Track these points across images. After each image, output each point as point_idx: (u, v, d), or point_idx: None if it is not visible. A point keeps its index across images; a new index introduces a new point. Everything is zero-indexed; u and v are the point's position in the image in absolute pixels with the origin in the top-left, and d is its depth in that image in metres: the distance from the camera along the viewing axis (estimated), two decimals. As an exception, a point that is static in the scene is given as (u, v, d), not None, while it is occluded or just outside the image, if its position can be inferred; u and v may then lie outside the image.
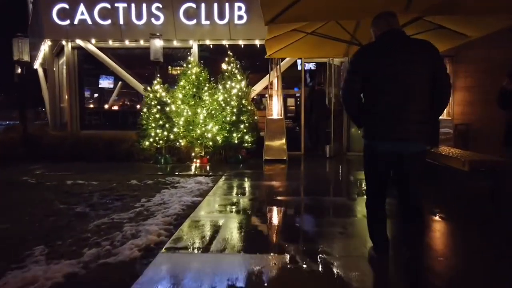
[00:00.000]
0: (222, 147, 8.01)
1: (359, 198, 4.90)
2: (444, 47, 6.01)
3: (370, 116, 2.54)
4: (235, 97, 8.08)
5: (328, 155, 8.81)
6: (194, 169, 7.34)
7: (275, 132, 8.26)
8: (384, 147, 2.48)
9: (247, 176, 6.62)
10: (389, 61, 2.44)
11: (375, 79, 2.46)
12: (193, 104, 8.03)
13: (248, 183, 6.02)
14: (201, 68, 8.37)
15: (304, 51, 7.15)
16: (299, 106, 9.45)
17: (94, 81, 11.50)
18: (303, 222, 4.03)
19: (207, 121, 7.93)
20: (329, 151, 8.87)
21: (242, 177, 6.41)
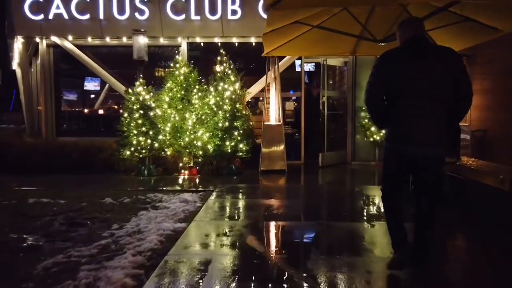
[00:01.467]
0: (214, 156, 7.12)
1: (378, 223, 4.04)
2: (471, 42, 5.21)
3: (391, 120, 2.58)
4: (228, 100, 7.20)
5: (321, 164, 7.95)
6: (181, 182, 6.44)
7: (273, 140, 7.39)
8: (404, 150, 2.53)
9: (241, 192, 5.73)
10: (411, 67, 2.47)
11: (397, 84, 2.50)
12: (181, 108, 7.14)
13: (242, 202, 5.12)
14: (191, 68, 7.48)
15: (306, 49, 6.29)
16: (299, 110, 8.60)
17: (79, 83, 10.65)
18: (315, 265, 3.14)
19: (197, 128, 7.04)
20: (322, 159, 8.02)
21: (236, 194, 5.52)
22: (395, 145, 2.58)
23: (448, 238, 3.71)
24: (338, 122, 8.92)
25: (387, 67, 2.56)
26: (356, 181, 6.90)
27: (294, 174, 7.27)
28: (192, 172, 7.05)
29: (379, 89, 2.59)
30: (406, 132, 2.50)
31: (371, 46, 5.95)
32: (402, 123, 2.51)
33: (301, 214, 4.63)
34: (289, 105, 8.74)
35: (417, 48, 2.52)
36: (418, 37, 2.55)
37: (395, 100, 2.54)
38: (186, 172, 7.05)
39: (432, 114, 2.46)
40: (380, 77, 2.57)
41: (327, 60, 8.13)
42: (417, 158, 2.51)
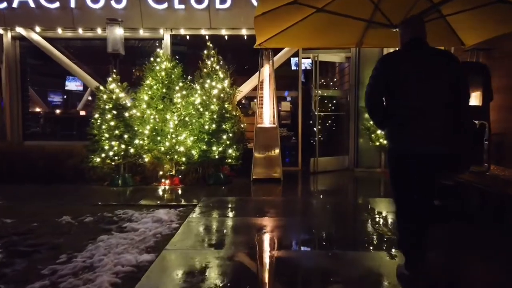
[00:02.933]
0: (199, 163, 6.22)
1: (398, 253, 3.18)
2: (504, 29, 4.42)
3: (392, 121, 2.60)
4: (215, 99, 6.32)
5: (312, 171, 7.20)
6: (160, 194, 5.53)
7: (267, 144, 6.52)
8: (406, 151, 2.55)
9: (228, 207, 4.84)
10: (412, 69, 2.51)
11: (397, 86, 2.53)
12: (162, 109, 6.24)
13: (229, 221, 4.22)
14: (174, 63, 6.58)
15: (305, 39, 5.45)
16: (295, 111, 7.75)
17: (60, 82, 9.72)
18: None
19: (180, 130, 6.14)
20: (313, 165, 7.23)
21: (222, 210, 4.62)
22: (397, 145, 2.62)
23: (481, 266, 2.87)
24: (338, 124, 8.08)
25: (388, 69, 2.58)
26: (362, 192, 6.05)
27: (290, 184, 6.40)
28: (173, 182, 6.15)
29: (380, 91, 2.61)
30: (407, 132, 2.53)
31: (380, 35, 5.14)
32: (402, 124, 2.54)
33: (300, 240, 3.74)
34: (285, 105, 7.87)
35: (418, 50, 2.57)
36: (418, 40, 2.58)
37: (396, 102, 2.56)
38: (167, 182, 6.14)
39: (433, 115, 2.49)
40: (380, 79, 2.59)
41: (318, 55, 7.31)
42: (420, 157, 2.51)
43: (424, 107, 2.48)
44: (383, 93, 2.60)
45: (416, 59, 2.54)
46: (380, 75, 2.59)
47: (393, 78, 2.53)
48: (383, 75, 2.57)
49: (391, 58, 2.66)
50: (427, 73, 2.48)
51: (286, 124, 7.80)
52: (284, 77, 8.10)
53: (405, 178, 2.59)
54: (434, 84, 2.48)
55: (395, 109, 2.56)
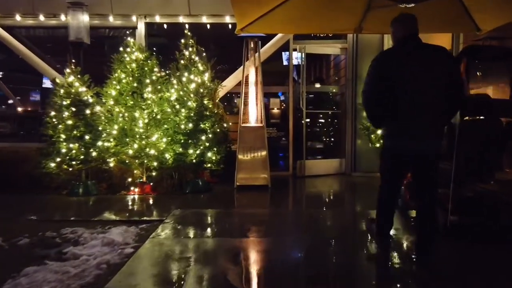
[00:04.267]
0: (174, 168, 5.39)
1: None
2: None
3: (389, 118, 2.63)
4: (193, 95, 5.49)
5: (299, 174, 6.53)
6: (124, 206, 4.68)
7: (252, 146, 5.71)
8: (403, 146, 2.61)
9: (204, 223, 4.00)
10: (407, 66, 2.54)
11: (394, 83, 2.54)
12: (132, 105, 5.39)
13: (202, 245, 3.31)
14: (147, 54, 5.74)
15: (294, 23, 4.67)
16: (286, 109, 6.95)
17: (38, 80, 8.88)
18: None
19: (151, 131, 5.30)
20: (299, 169, 6.53)
21: (195, 227, 3.77)
22: (394, 141, 2.66)
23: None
24: (333, 123, 7.31)
25: (384, 67, 2.60)
26: (362, 202, 5.24)
27: (279, 191, 5.59)
28: (144, 190, 5.31)
29: (376, 89, 2.62)
30: (404, 129, 2.57)
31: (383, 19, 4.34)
32: (400, 120, 2.57)
33: (292, 276, 2.91)
34: (274, 102, 7.07)
35: (412, 47, 2.60)
36: (411, 37, 2.61)
37: (393, 99, 2.57)
38: (136, 190, 5.30)
39: (429, 111, 2.53)
40: (377, 77, 2.61)
41: (305, 47, 6.57)
42: (416, 153, 2.59)
43: (420, 104, 2.51)
44: (380, 91, 2.61)
45: (411, 56, 2.56)
46: (376, 73, 2.61)
47: (389, 76, 2.55)
48: (379, 73, 2.59)
49: (386, 56, 2.70)
50: (422, 69, 2.51)
51: (275, 124, 7.01)
52: (275, 73, 7.33)
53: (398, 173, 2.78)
54: (429, 81, 2.51)
55: (391, 107, 2.58)
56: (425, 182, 2.70)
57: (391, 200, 2.92)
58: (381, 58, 2.69)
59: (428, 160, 2.63)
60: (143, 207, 4.66)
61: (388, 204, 2.92)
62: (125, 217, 4.13)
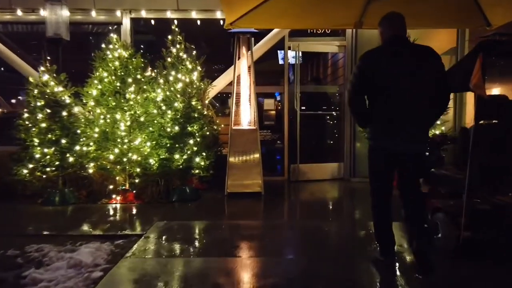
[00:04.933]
0: (160, 174, 4.98)
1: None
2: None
3: (374, 118, 2.61)
4: (180, 95, 5.09)
5: (292, 179, 6.22)
6: (102, 217, 4.26)
7: (245, 150, 5.32)
8: (388, 146, 2.58)
9: (188, 238, 3.57)
10: (394, 67, 2.51)
11: (380, 83, 2.52)
12: (115, 106, 4.98)
13: (182, 267, 2.92)
14: (131, 51, 5.33)
15: (288, 18, 4.31)
16: (281, 110, 6.56)
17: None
18: None
19: (135, 134, 4.90)
20: (293, 173, 6.23)
21: (177, 244, 3.35)
22: (379, 142, 2.63)
23: None
24: (331, 125, 6.93)
25: (370, 67, 2.56)
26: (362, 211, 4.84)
27: (273, 199, 5.19)
28: (127, 198, 4.90)
29: (362, 88, 2.60)
30: (389, 129, 2.56)
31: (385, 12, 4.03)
32: (385, 121, 2.56)
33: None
34: (268, 103, 6.67)
35: (399, 47, 2.57)
36: (398, 37, 2.59)
37: (378, 99, 2.57)
38: (118, 198, 4.89)
39: (414, 112, 2.51)
40: (363, 77, 2.57)
41: (300, 45, 6.20)
42: (401, 153, 2.57)
43: (407, 104, 2.49)
44: (366, 90, 2.60)
45: (398, 56, 2.53)
46: (362, 73, 2.57)
47: (375, 76, 2.52)
48: (365, 73, 2.55)
49: (373, 55, 2.62)
50: (408, 69, 2.49)
51: (269, 126, 6.61)
52: (270, 72, 6.96)
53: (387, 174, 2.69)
54: (416, 81, 2.48)
55: (377, 107, 2.58)
56: (411, 184, 2.66)
57: (385, 206, 2.75)
58: (367, 57, 2.63)
59: (413, 160, 2.61)
60: (123, 218, 4.25)
61: (383, 211, 2.76)
62: (100, 230, 3.71)
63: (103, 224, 3.93)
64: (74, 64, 6.24)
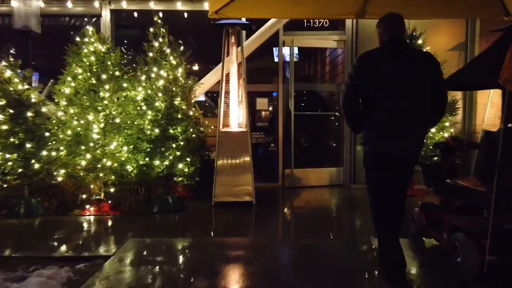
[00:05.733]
0: (140, 182, 4.45)
1: None
2: None
3: (369, 122, 2.52)
4: (161, 94, 4.58)
5: (288, 185, 5.78)
6: (69, 232, 3.71)
7: (234, 154, 4.80)
8: (384, 151, 2.49)
9: (164, 261, 3.04)
10: (391, 69, 2.43)
11: (376, 85, 2.43)
12: (89, 106, 4.45)
13: None
14: (109, 45, 4.80)
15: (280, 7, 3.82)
16: (275, 111, 6.05)
17: None
18: None
19: (110, 137, 4.38)
20: (289, 178, 5.78)
21: (148, 271, 2.85)
22: (374, 146, 2.54)
23: None
24: (329, 127, 6.45)
25: (367, 68, 2.46)
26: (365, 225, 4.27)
27: (266, 210, 4.68)
28: (102, 209, 4.38)
29: (358, 91, 2.49)
30: (384, 133, 2.48)
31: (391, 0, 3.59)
32: (380, 124, 2.47)
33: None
34: (261, 103, 6.17)
35: (397, 50, 2.49)
36: (397, 39, 2.50)
37: (373, 102, 2.47)
38: (92, 209, 4.37)
39: (414, 117, 2.45)
40: (359, 78, 2.46)
41: (294, 40, 5.73)
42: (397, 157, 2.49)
43: (403, 108, 2.42)
44: (361, 93, 2.50)
45: (396, 59, 2.45)
46: (358, 74, 2.46)
47: (371, 78, 2.43)
48: (361, 75, 2.45)
49: (370, 57, 2.52)
50: (406, 73, 2.43)
51: (262, 127, 6.11)
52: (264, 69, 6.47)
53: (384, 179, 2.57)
54: (412, 85, 2.43)
55: (372, 110, 2.48)
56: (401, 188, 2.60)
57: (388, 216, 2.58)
58: (364, 58, 2.51)
59: (407, 165, 2.57)
60: (92, 234, 3.72)
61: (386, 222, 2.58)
62: (62, 251, 3.19)
63: (67, 242, 3.40)
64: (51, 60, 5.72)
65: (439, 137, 5.00)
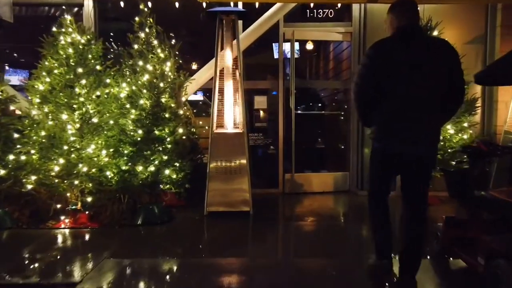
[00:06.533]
0: (122, 189, 3.94)
1: None
2: None
3: (381, 116, 2.37)
4: (146, 90, 4.07)
5: (289, 190, 5.30)
6: (35, 250, 3.20)
7: (229, 158, 4.29)
8: (395, 148, 2.34)
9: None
10: (408, 59, 2.28)
11: (389, 76, 2.29)
12: (65, 104, 3.93)
13: None
14: (89, 36, 4.29)
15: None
16: (275, 110, 5.53)
17: None
18: None
19: (89, 139, 3.86)
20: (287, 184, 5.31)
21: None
22: (384, 142, 2.38)
23: None
24: (333, 127, 5.94)
25: (382, 58, 2.31)
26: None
27: (266, 220, 4.15)
28: (78, 220, 3.87)
29: (372, 82, 2.33)
30: (396, 128, 2.32)
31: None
32: (392, 119, 2.32)
33: None
34: (259, 101, 5.64)
35: (410, 38, 2.33)
36: (413, 27, 2.35)
37: (386, 95, 2.31)
38: (68, 221, 3.86)
39: (428, 110, 2.29)
40: (373, 69, 2.31)
41: (294, 32, 5.20)
42: (410, 157, 2.32)
43: (415, 96, 2.26)
44: (375, 85, 2.32)
45: (408, 46, 2.29)
46: (372, 65, 2.32)
47: (384, 67, 2.28)
48: (376, 65, 2.30)
49: (385, 46, 2.35)
50: (422, 64, 2.26)
51: (261, 128, 5.59)
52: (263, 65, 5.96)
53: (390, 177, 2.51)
54: (429, 77, 2.26)
55: (384, 103, 2.33)
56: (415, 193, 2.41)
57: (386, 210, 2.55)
58: (378, 46, 2.36)
59: (421, 166, 2.36)
60: (61, 252, 3.20)
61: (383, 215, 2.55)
62: (17, 276, 2.67)
63: (27, 264, 2.89)
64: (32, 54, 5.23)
65: (458, 139, 4.49)
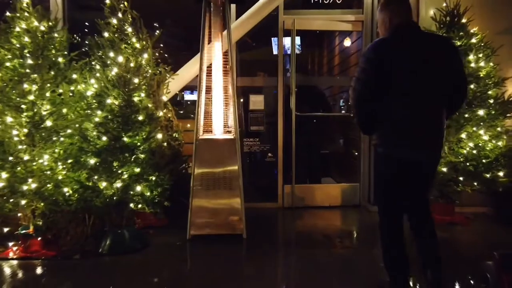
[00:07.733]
0: (81, 211, 3.19)
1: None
2: None
3: (384, 122, 2.21)
4: (112, 86, 3.31)
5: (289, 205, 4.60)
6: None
7: (217, 169, 3.54)
8: (401, 154, 2.20)
9: None
10: (410, 59, 2.15)
11: (391, 79, 2.12)
12: (6, 104, 3.19)
13: None
14: (51, 22, 3.54)
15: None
16: (274, 111, 4.78)
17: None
18: None
19: (40, 148, 3.11)
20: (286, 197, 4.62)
21: None
22: (391, 149, 2.22)
23: None
24: (342, 131, 5.21)
25: (383, 59, 2.13)
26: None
27: (262, 246, 3.38)
28: (30, 248, 3.12)
29: (373, 85, 2.15)
30: (402, 134, 2.18)
31: None
32: (398, 123, 2.17)
33: None
34: (255, 101, 4.88)
35: (413, 36, 2.21)
36: (410, 24, 2.26)
37: (389, 99, 2.15)
38: (16, 248, 3.12)
39: (432, 112, 2.18)
40: (374, 71, 2.13)
41: (295, 21, 4.47)
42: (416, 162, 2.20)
43: (422, 104, 2.15)
44: (374, 86, 2.16)
45: (410, 47, 2.17)
46: (373, 66, 2.14)
47: (387, 70, 2.11)
48: (377, 66, 2.13)
49: (384, 46, 2.19)
50: (425, 64, 2.13)
51: (258, 132, 4.83)
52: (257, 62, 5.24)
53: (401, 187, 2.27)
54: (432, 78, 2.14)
55: (387, 108, 2.16)
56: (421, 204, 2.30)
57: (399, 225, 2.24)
58: (378, 46, 2.16)
59: (428, 169, 2.26)
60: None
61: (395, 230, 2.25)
62: None
63: None
64: None
65: (492, 146, 3.76)
